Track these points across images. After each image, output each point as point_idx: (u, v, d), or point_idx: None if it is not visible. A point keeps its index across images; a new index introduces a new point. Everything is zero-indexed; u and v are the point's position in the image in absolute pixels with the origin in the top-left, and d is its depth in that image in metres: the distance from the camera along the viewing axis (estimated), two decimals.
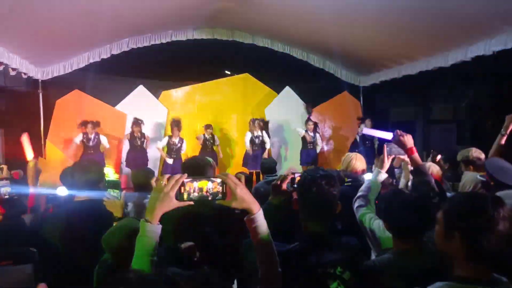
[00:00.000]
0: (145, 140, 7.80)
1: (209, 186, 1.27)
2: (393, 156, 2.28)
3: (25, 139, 3.87)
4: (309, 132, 8.16)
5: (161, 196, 1.23)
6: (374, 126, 8.50)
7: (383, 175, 2.27)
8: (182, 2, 6.51)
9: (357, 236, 2.07)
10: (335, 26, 6.99)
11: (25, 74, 6.81)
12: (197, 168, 1.95)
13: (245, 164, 7.99)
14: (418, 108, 10.63)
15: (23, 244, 2.03)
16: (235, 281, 2.12)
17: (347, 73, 9.41)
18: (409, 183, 2.87)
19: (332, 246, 1.55)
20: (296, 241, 1.59)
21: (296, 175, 1.83)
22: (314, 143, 8.17)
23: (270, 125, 9.01)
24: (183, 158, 7.60)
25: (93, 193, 2.27)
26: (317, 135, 8.31)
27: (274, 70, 9.09)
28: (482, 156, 3.46)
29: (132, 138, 7.73)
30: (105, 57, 7.58)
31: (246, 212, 1.31)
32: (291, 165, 8.45)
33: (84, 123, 7.27)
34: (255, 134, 8.09)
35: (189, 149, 8.23)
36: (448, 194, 2.52)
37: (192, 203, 1.28)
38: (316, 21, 7.02)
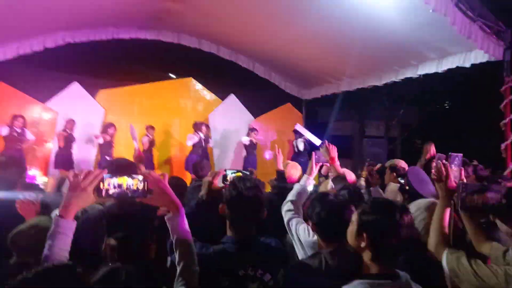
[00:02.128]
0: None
1: (129, 182, 1.24)
2: (321, 163, 2.37)
3: None
4: (252, 140, 8.31)
5: (78, 192, 1.19)
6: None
7: (311, 181, 2.35)
8: None
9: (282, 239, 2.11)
10: (280, 39, 7.21)
11: None
12: (122, 166, 1.87)
13: (187, 168, 7.85)
14: (354, 123, 11.27)
15: None
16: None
17: (291, 85, 9.68)
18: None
19: (255, 249, 1.57)
20: (221, 243, 1.60)
21: (228, 172, 1.85)
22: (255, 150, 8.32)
23: (213, 132, 8.97)
24: None
25: (6, 194, 2.07)
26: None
27: (220, 76, 9.10)
28: (406, 167, 3.77)
29: (62, 138, 7.24)
30: (37, 49, 7.03)
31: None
32: None
33: (15, 117, 6.75)
34: (199, 136, 8.03)
35: (128, 152, 7.91)
36: None
37: (111, 199, 1.24)
38: (261, 32, 7.18)
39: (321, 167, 2.42)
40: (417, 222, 1.85)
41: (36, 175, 7.30)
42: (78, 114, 7.70)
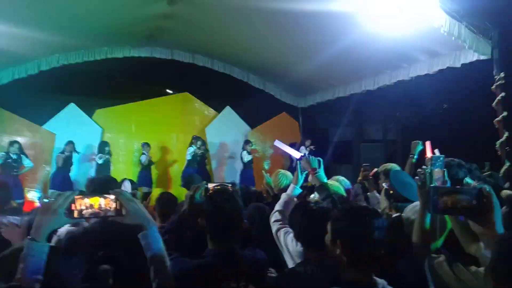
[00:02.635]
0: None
1: (101, 202, 1.25)
2: (306, 171, 2.38)
3: None
4: (249, 153, 8.35)
5: (49, 213, 1.20)
6: (315, 146, 8.90)
7: (298, 190, 2.35)
8: (118, 19, 6.38)
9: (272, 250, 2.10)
10: (273, 49, 7.28)
11: None
12: (102, 184, 1.89)
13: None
14: (352, 128, 11.28)
15: None
16: None
17: (286, 94, 9.72)
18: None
19: (237, 261, 1.57)
20: (203, 257, 1.60)
21: (210, 185, 1.86)
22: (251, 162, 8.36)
23: (210, 144, 9.00)
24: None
25: None
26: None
27: (215, 89, 9.16)
28: None
29: (61, 159, 7.30)
30: (32, 73, 7.13)
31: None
32: None
33: (11, 143, 6.78)
34: (197, 151, 8.07)
35: (127, 170, 7.99)
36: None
37: (83, 220, 1.26)
38: (254, 43, 7.26)
39: (307, 175, 2.43)
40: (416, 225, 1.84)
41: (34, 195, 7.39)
42: (76, 134, 7.76)
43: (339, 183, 3.03)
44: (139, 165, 8.12)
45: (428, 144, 3.92)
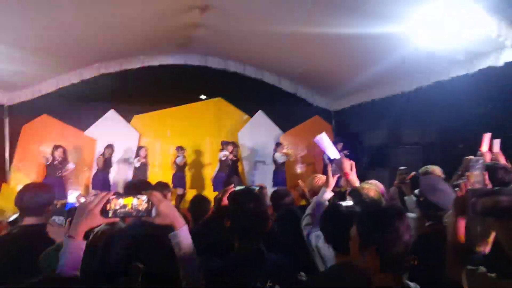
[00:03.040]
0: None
1: (134, 202, 1.30)
2: (338, 175, 2.34)
3: None
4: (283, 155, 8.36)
5: (86, 213, 1.25)
6: (349, 150, 8.71)
7: (329, 194, 2.32)
8: (153, 29, 6.61)
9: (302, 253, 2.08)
10: (305, 53, 7.24)
11: None
12: (136, 187, 1.97)
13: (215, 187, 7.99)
14: (388, 131, 10.93)
15: None
16: None
17: (318, 97, 9.62)
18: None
19: (263, 260, 1.58)
20: (229, 257, 1.62)
21: (237, 189, 1.88)
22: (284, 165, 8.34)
23: (243, 148, 9.08)
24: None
25: (38, 218, 2.21)
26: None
27: (247, 94, 9.24)
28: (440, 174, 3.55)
29: (101, 162, 7.66)
30: (75, 81, 7.53)
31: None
32: None
33: (56, 147, 7.18)
34: (227, 155, 8.17)
35: (164, 173, 8.22)
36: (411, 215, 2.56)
37: (117, 219, 1.31)
38: (286, 47, 7.25)
39: (339, 178, 2.39)
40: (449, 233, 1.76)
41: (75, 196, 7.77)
42: (115, 139, 8.10)
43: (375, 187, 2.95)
44: (174, 167, 8.33)
45: (487, 136, 3.59)
